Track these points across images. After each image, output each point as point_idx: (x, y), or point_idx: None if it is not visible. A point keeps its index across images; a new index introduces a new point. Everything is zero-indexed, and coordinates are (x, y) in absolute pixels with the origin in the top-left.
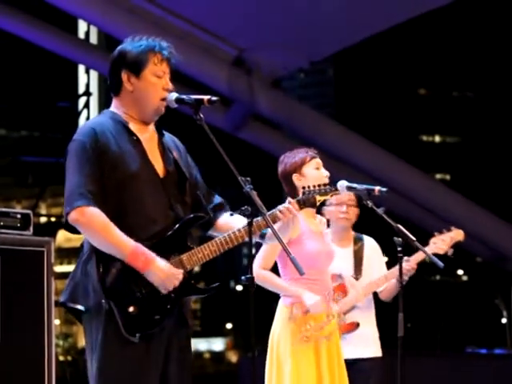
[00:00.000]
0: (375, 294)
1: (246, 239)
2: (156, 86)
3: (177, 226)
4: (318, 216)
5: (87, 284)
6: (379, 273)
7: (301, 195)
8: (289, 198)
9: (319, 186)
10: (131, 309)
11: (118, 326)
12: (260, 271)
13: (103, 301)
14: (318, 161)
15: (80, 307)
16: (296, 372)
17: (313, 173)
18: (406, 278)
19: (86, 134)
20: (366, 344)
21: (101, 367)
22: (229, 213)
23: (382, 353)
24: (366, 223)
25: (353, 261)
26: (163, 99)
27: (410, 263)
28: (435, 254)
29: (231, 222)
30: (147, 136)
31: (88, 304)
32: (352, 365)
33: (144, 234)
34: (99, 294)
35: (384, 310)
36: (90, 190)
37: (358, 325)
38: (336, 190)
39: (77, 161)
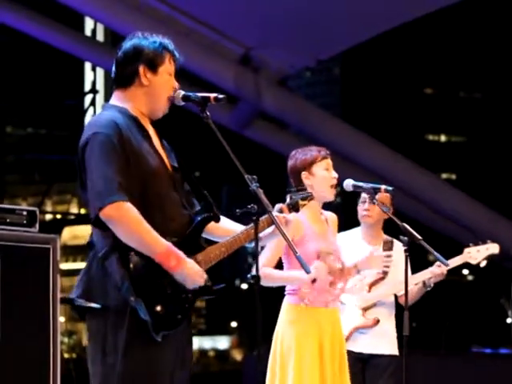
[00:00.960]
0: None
1: (251, 239)
2: (168, 85)
3: (193, 225)
4: (325, 213)
5: (106, 282)
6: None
7: (288, 200)
8: (279, 205)
9: (298, 190)
10: (159, 308)
11: (142, 325)
12: (264, 270)
13: (132, 298)
14: (328, 161)
15: (95, 305)
16: (299, 368)
17: (322, 173)
18: (434, 281)
19: (109, 127)
20: (385, 341)
21: (125, 367)
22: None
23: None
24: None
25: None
26: (169, 98)
27: (441, 268)
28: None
29: (219, 228)
30: (151, 131)
31: (107, 302)
32: (368, 359)
33: (163, 232)
34: (127, 291)
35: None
36: (121, 183)
37: (378, 321)
38: (311, 196)
39: (104, 153)
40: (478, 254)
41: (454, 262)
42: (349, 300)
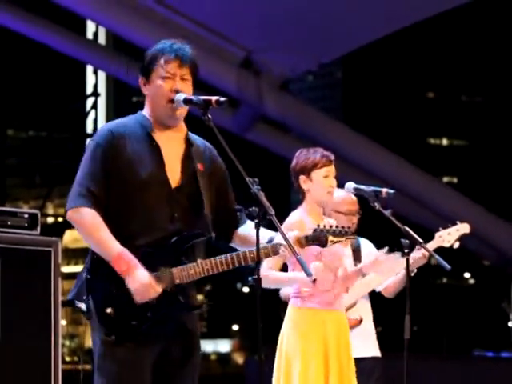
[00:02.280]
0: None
1: (243, 264)
2: (162, 89)
3: (173, 239)
4: (326, 218)
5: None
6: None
7: (311, 232)
8: (295, 235)
9: (337, 226)
10: (109, 310)
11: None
12: (267, 273)
13: (84, 297)
14: (329, 169)
15: (82, 306)
16: (304, 371)
17: (319, 180)
18: (416, 266)
19: (101, 136)
20: (367, 341)
21: (97, 365)
22: (250, 225)
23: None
24: (373, 225)
25: (352, 258)
26: (171, 101)
27: (421, 251)
28: (438, 250)
29: (248, 236)
30: (170, 144)
31: (88, 303)
32: (356, 363)
33: (142, 240)
34: (83, 289)
35: (390, 313)
36: (91, 189)
37: (361, 320)
38: (353, 236)
39: (86, 161)
40: (449, 236)
41: (428, 247)
42: None
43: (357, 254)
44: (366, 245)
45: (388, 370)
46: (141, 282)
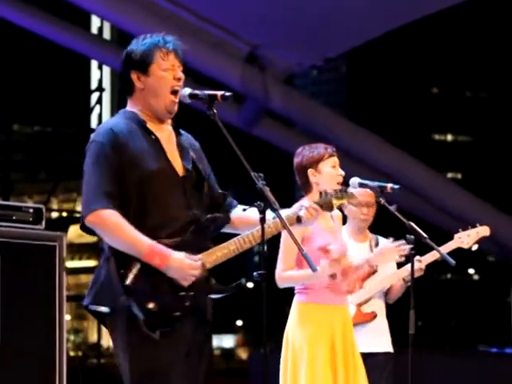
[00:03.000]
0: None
1: (259, 240)
2: (165, 80)
3: (195, 225)
4: (326, 191)
5: (111, 285)
6: (392, 271)
7: (318, 199)
8: (310, 202)
9: (335, 190)
10: (151, 305)
11: (140, 323)
12: (284, 274)
13: (122, 298)
14: (335, 159)
15: (104, 309)
16: (311, 367)
17: (328, 171)
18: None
19: (104, 135)
20: (381, 337)
21: (131, 367)
22: (241, 207)
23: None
24: (378, 220)
25: (369, 255)
26: (174, 92)
27: (420, 264)
28: (451, 251)
29: (245, 216)
30: (165, 135)
31: (112, 305)
32: (366, 358)
33: (164, 232)
34: (118, 291)
35: (395, 308)
36: (108, 191)
37: (375, 316)
38: (353, 195)
39: (95, 162)
40: (468, 238)
41: (446, 247)
42: None
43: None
44: (383, 242)
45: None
46: (181, 262)
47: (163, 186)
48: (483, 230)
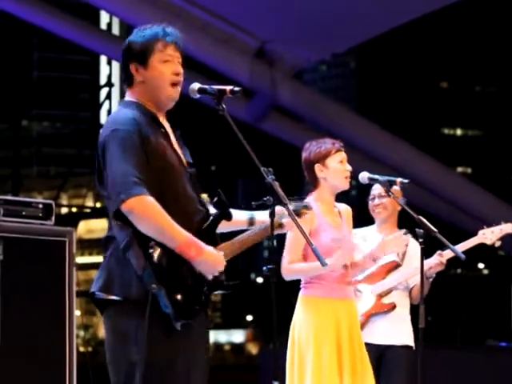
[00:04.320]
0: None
1: (279, 231)
2: (163, 74)
3: (209, 221)
4: (339, 205)
5: (126, 274)
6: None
7: (291, 207)
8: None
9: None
10: (179, 296)
11: (162, 315)
12: (289, 266)
13: (154, 285)
14: (343, 154)
15: (116, 298)
16: (317, 360)
17: (336, 166)
18: (434, 271)
19: (129, 124)
20: (401, 328)
21: (148, 356)
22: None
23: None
24: None
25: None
26: (174, 84)
27: (441, 258)
28: (452, 240)
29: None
30: (167, 128)
31: (127, 295)
32: (384, 352)
33: (181, 226)
34: (148, 279)
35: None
36: (141, 178)
37: (394, 306)
38: (309, 207)
39: (123, 149)
40: (492, 234)
41: (470, 242)
42: (364, 288)
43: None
44: (413, 245)
45: None
46: (212, 259)
47: (179, 180)
48: (507, 227)
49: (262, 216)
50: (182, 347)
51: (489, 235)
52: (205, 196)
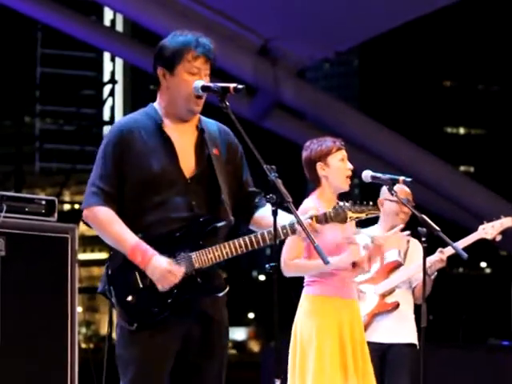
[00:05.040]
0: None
1: (262, 245)
2: (188, 84)
3: (189, 224)
4: (341, 203)
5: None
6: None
7: (331, 210)
8: (310, 213)
9: (355, 203)
10: (129, 298)
11: (118, 313)
12: (290, 262)
13: (106, 287)
14: (343, 152)
15: (113, 300)
16: (319, 358)
17: (337, 164)
18: (434, 269)
19: (112, 134)
20: (405, 327)
21: (119, 354)
22: (268, 208)
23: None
24: None
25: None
26: (198, 96)
27: (442, 255)
28: (455, 239)
29: (259, 218)
30: (183, 134)
31: (102, 291)
32: (388, 350)
33: (158, 231)
34: (103, 278)
35: None
36: (103, 188)
37: (398, 305)
38: (377, 209)
39: (99, 159)
40: (492, 229)
41: (471, 238)
42: (367, 288)
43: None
44: (414, 244)
45: None
46: (160, 269)
47: (164, 187)
48: (507, 221)
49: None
50: (148, 346)
51: (489, 230)
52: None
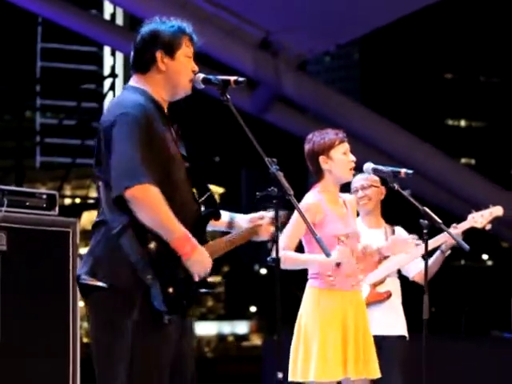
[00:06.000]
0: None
1: (255, 238)
2: (187, 68)
3: (200, 217)
4: (343, 195)
5: (116, 260)
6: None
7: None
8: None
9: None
10: (171, 290)
11: (151, 306)
12: (286, 254)
13: (149, 277)
14: (346, 145)
15: (101, 284)
16: (323, 351)
17: (340, 158)
18: (450, 245)
19: (136, 109)
20: (397, 319)
21: (135, 346)
22: None
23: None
24: (392, 206)
25: (383, 243)
26: (191, 80)
27: (457, 230)
28: (465, 237)
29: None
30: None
31: (115, 282)
32: (380, 343)
33: (177, 219)
34: (144, 270)
35: (408, 294)
36: (146, 166)
37: (390, 295)
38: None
39: (131, 135)
40: (481, 218)
41: (461, 227)
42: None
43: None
44: (399, 231)
45: (407, 349)
46: (203, 259)
47: (179, 172)
48: (496, 210)
49: (242, 220)
50: (167, 339)
51: (479, 219)
52: (194, 191)
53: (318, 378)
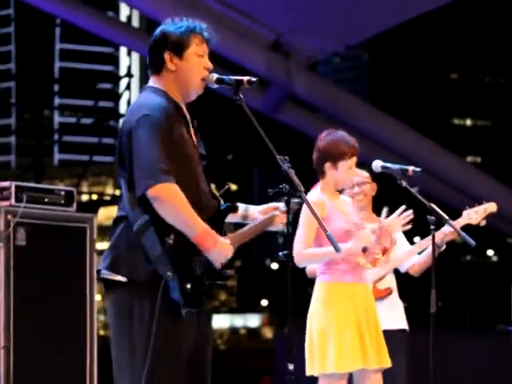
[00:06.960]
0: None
1: (269, 228)
2: (198, 66)
3: (219, 211)
4: (341, 196)
5: (135, 255)
6: (404, 248)
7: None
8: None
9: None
10: (188, 285)
11: (169, 299)
12: (304, 252)
13: (169, 273)
14: (354, 160)
15: (121, 278)
16: (340, 343)
17: (344, 171)
18: (447, 240)
19: (159, 110)
20: (396, 314)
21: (154, 338)
22: None
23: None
24: (399, 203)
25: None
26: (203, 79)
27: (451, 228)
28: (465, 228)
29: None
30: (188, 118)
31: (134, 276)
32: (384, 335)
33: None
34: (164, 266)
35: (415, 289)
36: (168, 166)
37: (391, 292)
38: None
39: (154, 136)
40: (476, 214)
41: (456, 224)
42: None
43: None
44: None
45: (414, 343)
46: (225, 248)
47: (196, 171)
48: (490, 207)
49: (256, 211)
50: (185, 332)
51: (473, 215)
52: (213, 187)
53: (338, 369)
